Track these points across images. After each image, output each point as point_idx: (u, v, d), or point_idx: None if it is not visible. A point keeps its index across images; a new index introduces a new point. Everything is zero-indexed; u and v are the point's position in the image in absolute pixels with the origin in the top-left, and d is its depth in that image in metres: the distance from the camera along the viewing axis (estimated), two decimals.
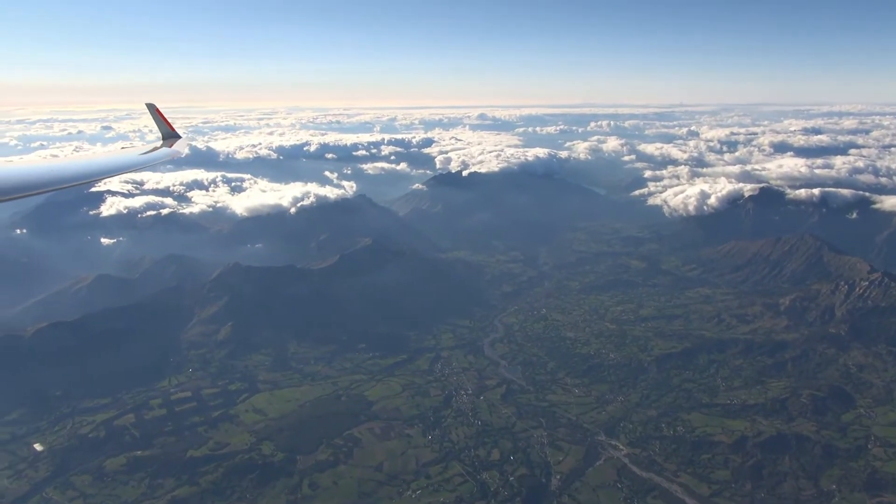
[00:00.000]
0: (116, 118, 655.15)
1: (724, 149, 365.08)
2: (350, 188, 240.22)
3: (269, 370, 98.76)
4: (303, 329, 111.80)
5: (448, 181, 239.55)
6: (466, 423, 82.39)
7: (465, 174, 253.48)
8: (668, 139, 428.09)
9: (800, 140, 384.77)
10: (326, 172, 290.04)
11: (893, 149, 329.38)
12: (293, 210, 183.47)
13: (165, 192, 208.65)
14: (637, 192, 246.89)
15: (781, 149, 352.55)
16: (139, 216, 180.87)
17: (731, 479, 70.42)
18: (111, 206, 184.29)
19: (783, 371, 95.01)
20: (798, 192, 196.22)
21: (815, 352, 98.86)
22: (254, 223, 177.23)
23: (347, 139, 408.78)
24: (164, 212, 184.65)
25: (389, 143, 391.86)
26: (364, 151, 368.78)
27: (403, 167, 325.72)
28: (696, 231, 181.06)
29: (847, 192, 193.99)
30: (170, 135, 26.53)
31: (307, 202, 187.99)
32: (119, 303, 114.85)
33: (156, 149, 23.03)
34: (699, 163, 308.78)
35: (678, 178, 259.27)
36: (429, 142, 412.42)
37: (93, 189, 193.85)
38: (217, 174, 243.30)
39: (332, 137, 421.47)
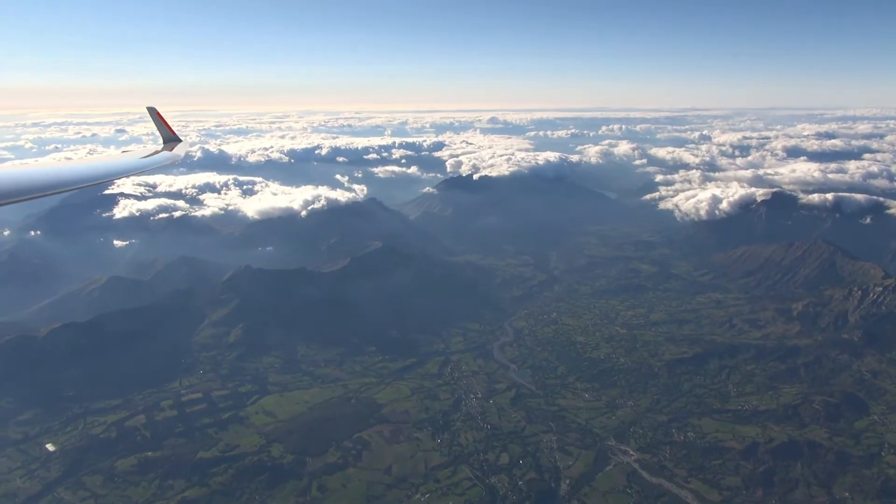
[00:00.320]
0: (130, 121, 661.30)
1: (737, 153, 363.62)
2: (361, 191, 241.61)
3: (280, 372, 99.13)
4: (313, 332, 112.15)
5: (459, 185, 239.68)
6: (475, 427, 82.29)
7: (476, 178, 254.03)
8: (680, 143, 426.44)
9: (813, 144, 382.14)
10: (337, 176, 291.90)
11: None
12: (304, 213, 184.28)
13: (178, 195, 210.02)
14: (648, 197, 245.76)
15: (794, 153, 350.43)
16: (151, 218, 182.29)
17: (742, 486, 69.85)
18: (124, 209, 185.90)
19: (795, 377, 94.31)
20: (811, 197, 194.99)
21: (828, 358, 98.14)
22: (265, 226, 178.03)
23: (359, 142, 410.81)
24: (177, 214, 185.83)
25: (400, 147, 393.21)
26: (375, 155, 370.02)
27: (414, 170, 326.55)
28: (708, 236, 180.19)
29: (861, 197, 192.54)
30: (171, 138, 26.69)
31: (318, 205, 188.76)
32: (131, 304, 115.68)
33: (157, 152, 23.21)
34: (711, 167, 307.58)
35: (690, 183, 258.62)
36: (440, 145, 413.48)
37: (106, 191, 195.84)
38: (229, 177, 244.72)
39: (344, 141, 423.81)
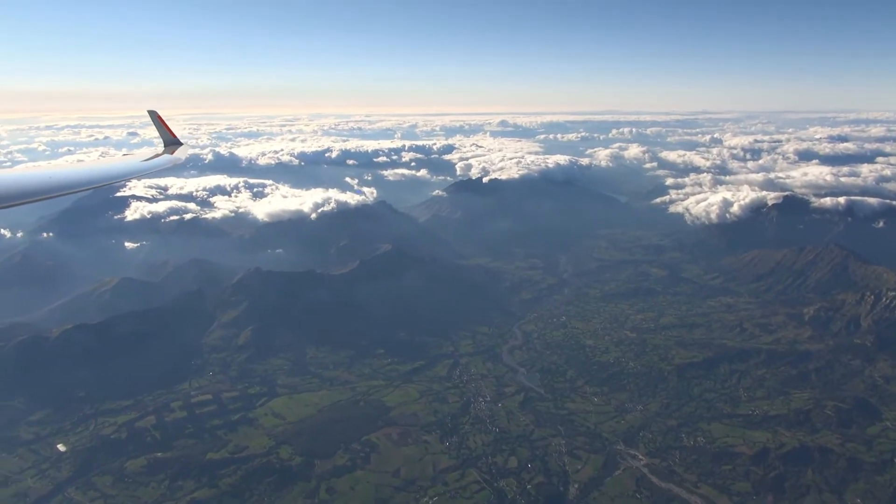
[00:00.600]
0: (142, 124, 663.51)
1: (748, 156, 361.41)
2: (370, 194, 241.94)
3: (289, 374, 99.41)
4: (322, 334, 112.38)
5: (468, 188, 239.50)
6: (484, 431, 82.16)
7: (486, 181, 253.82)
8: (691, 146, 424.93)
9: (825, 148, 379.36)
10: (347, 178, 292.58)
11: None
12: (314, 216, 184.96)
13: (189, 198, 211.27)
14: (658, 200, 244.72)
15: (806, 157, 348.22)
16: (163, 221, 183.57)
17: (753, 492, 69.31)
18: (135, 211, 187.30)
19: (807, 382, 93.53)
20: (823, 201, 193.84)
21: (840, 363, 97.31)
22: (275, 228, 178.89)
23: (369, 145, 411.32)
24: (188, 217, 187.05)
25: (410, 150, 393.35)
26: (385, 158, 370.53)
27: (424, 174, 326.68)
28: (719, 239, 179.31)
29: (874, 201, 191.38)
30: (171, 142, 26.81)
31: (328, 208, 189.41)
32: (142, 306, 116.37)
33: (158, 155, 23.32)
34: (722, 170, 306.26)
35: (700, 186, 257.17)
36: (449, 148, 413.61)
37: (117, 194, 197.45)
38: (239, 180, 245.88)
39: (354, 144, 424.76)
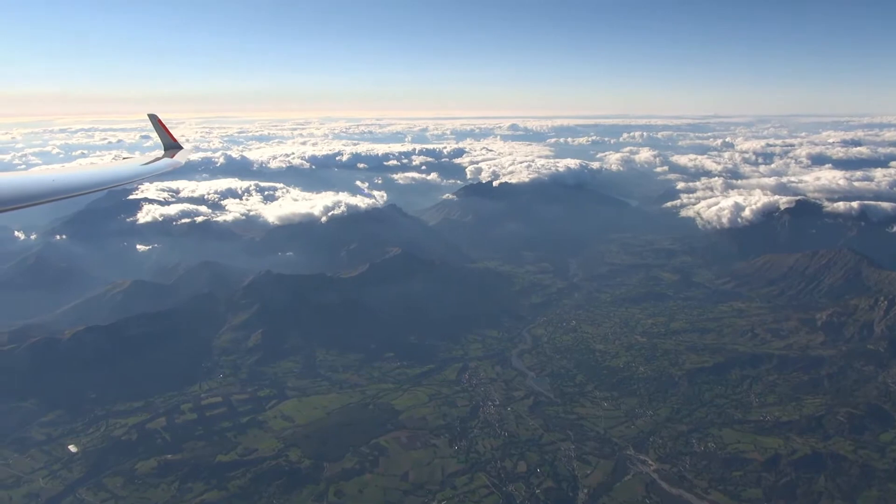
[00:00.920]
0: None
1: (760, 160, 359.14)
2: (381, 198, 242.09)
3: (298, 377, 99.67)
4: (332, 337, 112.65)
5: (478, 191, 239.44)
6: (493, 435, 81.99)
7: (496, 184, 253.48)
8: (702, 150, 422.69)
9: (838, 152, 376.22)
10: (358, 182, 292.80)
11: None
12: (324, 219, 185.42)
13: (200, 201, 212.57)
14: (670, 204, 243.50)
15: (819, 161, 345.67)
16: (174, 223, 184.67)
17: (764, 498, 68.76)
18: (147, 214, 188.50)
19: (819, 388, 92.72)
20: (836, 205, 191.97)
21: (853, 369, 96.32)
22: (285, 231, 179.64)
23: (379, 149, 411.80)
24: (199, 219, 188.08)
25: (420, 154, 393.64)
26: (395, 161, 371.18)
27: (434, 177, 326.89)
28: (730, 244, 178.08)
29: (888, 206, 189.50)
30: (171, 145, 26.89)
31: (338, 211, 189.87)
32: (154, 308, 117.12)
33: (158, 159, 23.38)
34: (734, 175, 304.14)
35: (712, 190, 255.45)
36: (460, 152, 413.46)
37: (130, 197, 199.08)
38: (250, 183, 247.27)
39: (364, 147, 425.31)
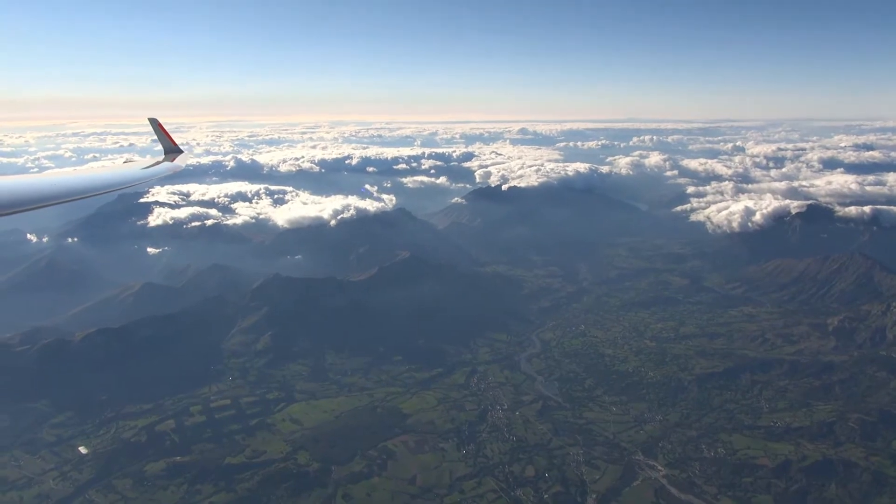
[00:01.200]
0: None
1: (771, 165, 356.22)
2: (390, 201, 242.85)
3: (307, 380, 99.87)
4: (340, 340, 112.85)
5: (487, 195, 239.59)
6: (501, 439, 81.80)
7: (505, 188, 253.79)
8: (713, 154, 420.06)
9: (850, 156, 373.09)
10: (367, 185, 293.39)
11: None
12: (333, 222, 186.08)
13: (210, 204, 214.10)
14: (679, 208, 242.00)
15: (831, 165, 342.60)
16: (185, 227, 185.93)
17: None
18: (158, 217, 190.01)
19: (830, 394, 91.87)
20: (848, 210, 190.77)
21: (865, 374, 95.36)
22: (295, 235, 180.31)
23: (388, 153, 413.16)
24: (209, 223, 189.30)
25: (430, 157, 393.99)
26: (404, 165, 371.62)
27: (443, 181, 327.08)
28: (740, 248, 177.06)
29: None
30: (171, 149, 27.03)
31: (347, 215, 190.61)
32: (163, 311, 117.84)
33: (158, 163, 23.54)
34: (744, 179, 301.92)
35: (722, 195, 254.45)
36: (469, 156, 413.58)
37: (141, 200, 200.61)
38: (260, 186, 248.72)
39: (374, 151, 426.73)
